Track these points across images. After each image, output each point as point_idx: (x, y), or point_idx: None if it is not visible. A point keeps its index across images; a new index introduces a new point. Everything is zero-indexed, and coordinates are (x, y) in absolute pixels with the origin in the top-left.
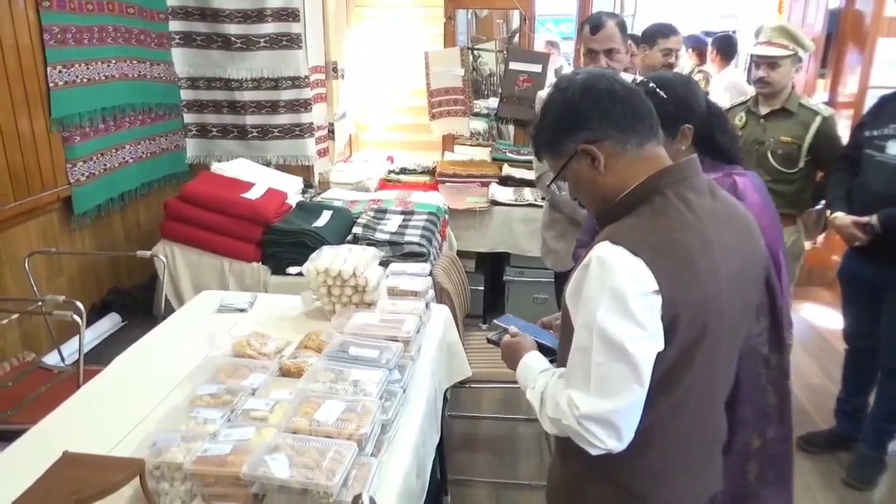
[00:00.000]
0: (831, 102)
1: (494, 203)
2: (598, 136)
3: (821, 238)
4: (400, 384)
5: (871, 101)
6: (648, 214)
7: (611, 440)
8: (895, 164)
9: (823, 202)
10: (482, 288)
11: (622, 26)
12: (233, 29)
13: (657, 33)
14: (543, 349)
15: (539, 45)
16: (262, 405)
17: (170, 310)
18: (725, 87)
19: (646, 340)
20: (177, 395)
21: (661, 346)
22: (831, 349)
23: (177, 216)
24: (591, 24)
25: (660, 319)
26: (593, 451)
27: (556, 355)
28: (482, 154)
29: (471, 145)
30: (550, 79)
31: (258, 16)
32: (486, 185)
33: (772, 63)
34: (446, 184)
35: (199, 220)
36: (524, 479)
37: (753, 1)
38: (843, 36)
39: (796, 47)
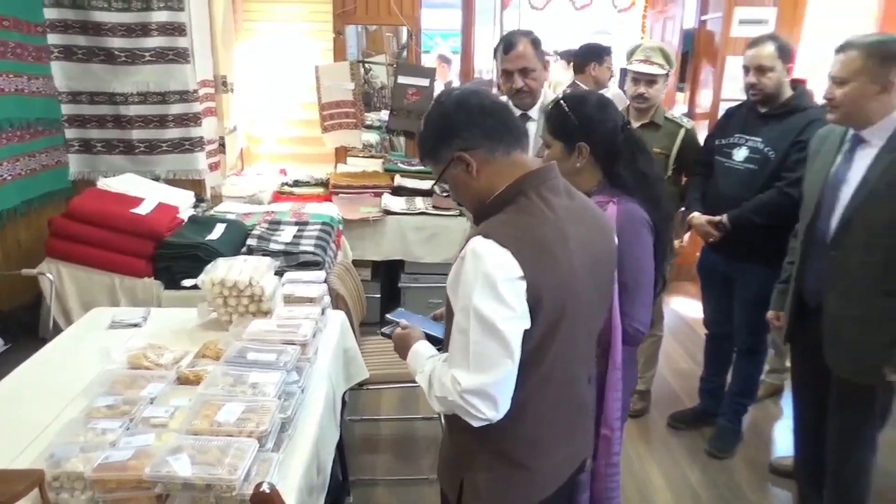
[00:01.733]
0: (690, 114)
1: (387, 212)
2: (470, 144)
3: (686, 237)
4: (298, 384)
5: (723, 112)
6: (514, 212)
7: (489, 410)
8: (740, 170)
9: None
10: (378, 295)
11: (536, 43)
12: (116, 42)
13: (604, 52)
14: (433, 340)
15: (431, 60)
16: (161, 412)
17: (58, 329)
18: (611, 97)
19: (514, 320)
20: (72, 409)
21: (527, 325)
22: (696, 336)
23: (62, 233)
24: (504, 44)
25: (525, 301)
26: (475, 423)
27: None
28: (374, 165)
29: (363, 157)
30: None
31: (143, 30)
32: (379, 195)
33: (650, 80)
34: (340, 195)
35: (87, 236)
36: (423, 474)
37: (621, 19)
38: (697, 53)
39: (668, 66)
